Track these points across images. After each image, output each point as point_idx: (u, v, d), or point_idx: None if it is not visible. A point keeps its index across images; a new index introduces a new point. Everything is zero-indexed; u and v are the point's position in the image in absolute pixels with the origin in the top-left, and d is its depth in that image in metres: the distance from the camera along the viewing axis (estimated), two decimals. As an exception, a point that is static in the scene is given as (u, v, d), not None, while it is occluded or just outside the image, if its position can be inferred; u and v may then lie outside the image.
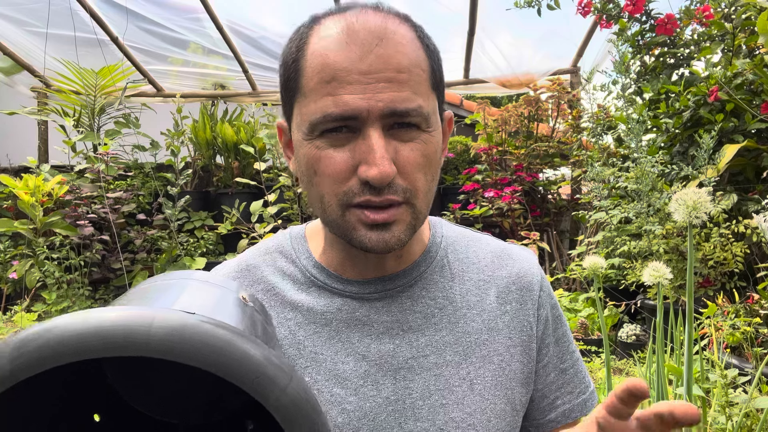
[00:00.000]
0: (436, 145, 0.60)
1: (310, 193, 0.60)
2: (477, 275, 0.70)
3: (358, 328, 0.64)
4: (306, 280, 0.67)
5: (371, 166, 0.53)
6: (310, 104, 0.56)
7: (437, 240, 0.71)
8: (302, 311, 0.65)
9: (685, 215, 0.74)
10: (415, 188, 0.57)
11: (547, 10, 3.08)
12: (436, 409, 0.62)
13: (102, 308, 0.32)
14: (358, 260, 0.66)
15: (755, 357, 1.76)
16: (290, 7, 4.90)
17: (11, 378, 0.30)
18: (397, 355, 0.63)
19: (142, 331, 0.30)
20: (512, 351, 0.67)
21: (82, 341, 0.30)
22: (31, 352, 0.30)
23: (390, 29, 0.55)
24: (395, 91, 0.54)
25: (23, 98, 4.56)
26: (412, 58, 0.56)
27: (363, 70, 0.53)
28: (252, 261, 0.71)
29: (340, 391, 0.62)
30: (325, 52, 0.55)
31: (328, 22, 0.57)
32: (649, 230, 2.40)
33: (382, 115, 0.54)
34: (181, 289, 0.45)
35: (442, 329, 0.65)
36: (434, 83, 0.60)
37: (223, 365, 0.31)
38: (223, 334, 0.31)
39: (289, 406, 0.32)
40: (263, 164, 4.07)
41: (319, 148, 0.56)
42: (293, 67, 0.58)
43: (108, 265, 3.74)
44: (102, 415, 0.50)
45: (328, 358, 0.63)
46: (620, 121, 2.89)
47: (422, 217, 0.60)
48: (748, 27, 2.52)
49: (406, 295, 0.66)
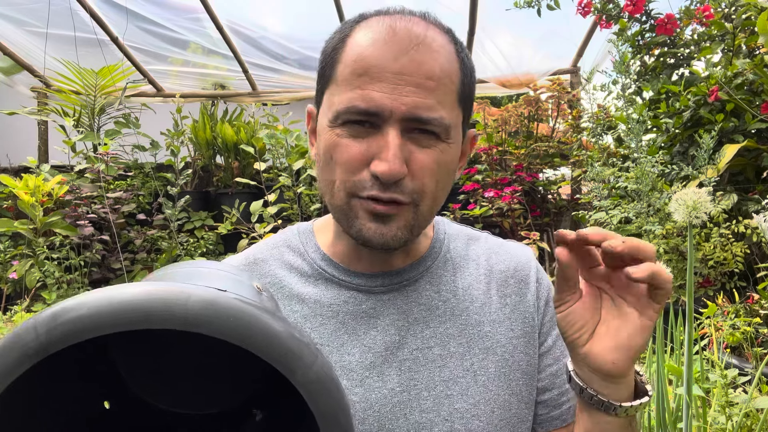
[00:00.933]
0: (453, 156, 0.61)
1: (323, 178, 0.62)
2: (476, 270, 0.71)
3: (364, 320, 0.65)
4: (314, 272, 0.68)
5: (383, 161, 0.55)
6: (339, 94, 0.58)
7: (440, 236, 0.73)
8: (309, 303, 0.66)
9: (685, 215, 0.74)
10: (423, 191, 0.58)
11: (547, 10, 3.08)
12: (440, 400, 0.63)
13: (134, 283, 0.32)
14: (365, 253, 0.67)
15: (755, 357, 1.76)
16: (290, 7, 4.89)
17: (47, 348, 0.29)
18: (402, 346, 0.64)
19: (180, 304, 0.31)
20: (515, 342, 0.68)
21: (121, 313, 0.30)
22: (67, 322, 0.29)
23: (429, 36, 0.57)
24: (421, 97, 0.56)
25: (23, 98, 4.56)
26: (444, 68, 0.57)
27: (395, 70, 0.55)
28: (259, 255, 0.72)
29: (345, 383, 0.62)
30: (362, 46, 0.57)
31: (373, 21, 0.59)
32: (649, 230, 2.40)
33: (403, 118, 0.56)
34: (202, 273, 0.46)
35: (446, 321, 0.66)
36: (462, 97, 0.61)
37: (254, 340, 0.32)
38: (253, 310, 0.32)
39: (314, 382, 0.33)
40: (263, 164, 4.07)
41: (339, 136, 0.58)
42: (331, 56, 0.61)
43: (108, 265, 3.74)
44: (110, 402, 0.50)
45: (334, 350, 0.64)
46: (620, 121, 2.89)
47: (424, 222, 0.61)
48: (749, 27, 2.52)
49: (412, 288, 0.67)
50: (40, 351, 0.29)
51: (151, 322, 0.30)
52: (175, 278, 0.44)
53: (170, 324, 0.30)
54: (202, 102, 4.71)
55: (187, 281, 0.41)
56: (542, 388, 0.70)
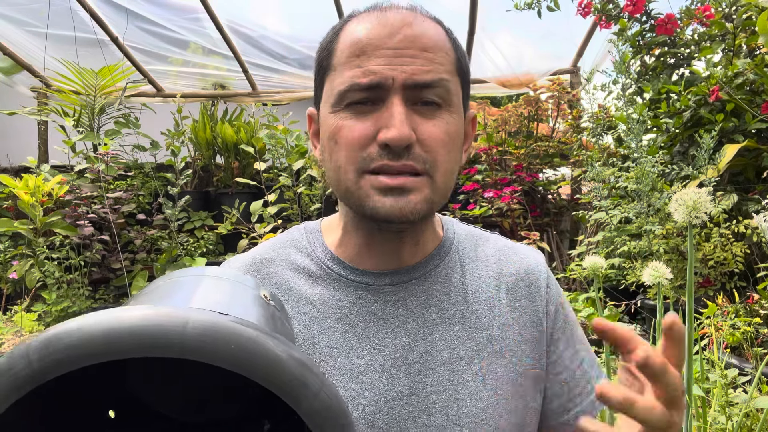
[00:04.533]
0: (458, 127, 0.61)
1: (329, 167, 0.61)
2: (486, 272, 0.70)
3: (373, 322, 0.64)
4: (321, 272, 0.67)
5: (390, 128, 0.55)
6: (339, 77, 0.59)
7: (450, 236, 0.72)
8: (317, 305, 0.65)
9: (685, 215, 0.74)
10: (436, 161, 0.58)
11: (547, 11, 3.08)
12: (449, 404, 0.62)
13: (130, 307, 0.31)
14: (374, 248, 0.66)
15: (755, 357, 1.76)
16: (290, 6, 4.90)
17: (40, 376, 0.29)
18: (412, 349, 0.64)
19: (176, 331, 0.29)
20: (523, 347, 0.67)
21: (115, 340, 0.29)
22: (61, 350, 0.28)
23: (420, 18, 0.59)
24: (420, 63, 0.57)
25: (23, 98, 4.56)
26: (438, 42, 0.59)
27: (391, 46, 0.57)
28: (266, 255, 0.71)
29: (354, 386, 0.62)
30: (357, 32, 0.59)
31: (364, 14, 0.61)
32: (649, 230, 2.40)
33: (405, 86, 0.56)
34: (203, 285, 0.44)
35: (455, 324, 0.66)
36: (459, 70, 0.62)
37: (256, 368, 0.30)
38: (256, 335, 0.31)
39: (321, 411, 0.31)
40: (263, 164, 4.07)
41: (342, 119, 0.58)
42: (327, 50, 0.62)
43: (108, 265, 3.74)
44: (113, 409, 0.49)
45: (343, 352, 0.63)
46: (620, 121, 2.88)
47: (441, 194, 0.60)
48: (749, 27, 2.51)
49: (422, 290, 0.67)
50: (33, 379, 0.29)
51: (146, 351, 0.29)
52: (176, 292, 0.42)
53: (167, 352, 0.29)
54: (202, 102, 4.71)
55: (189, 296, 0.40)
56: (552, 395, 0.70)
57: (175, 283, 0.45)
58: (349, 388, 0.62)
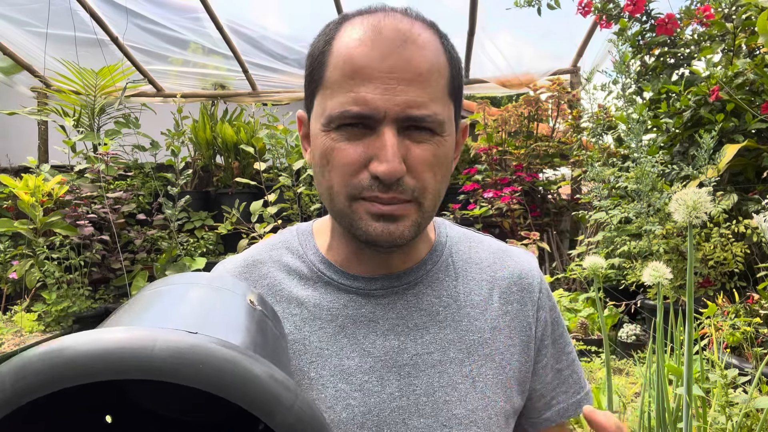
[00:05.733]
0: (448, 149, 0.61)
1: (321, 184, 0.62)
2: (479, 275, 0.71)
3: (363, 324, 0.65)
4: (313, 275, 0.68)
5: (382, 162, 0.55)
6: (331, 98, 0.57)
7: (442, 239, 0.72)
8: (308, 307, 0.66)
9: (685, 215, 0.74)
10: (424, 187, 0.58)
11: (547, 9, 3.08)
12: (439, 406, 0.63)
13: (105, 329, 0.31)
14: (364, 256, 0.67)
15: (755, 357, 1.76)
16: (290, 7, 4.90)
17: (13, 401, 0.29)
18: (402, 352, 0.64)
19: (145, 354, 0.30)
20: (512, 350, 0.68)
21: (86, 364, 0.29)
22: (33, 375, 0.29)
23: (415, 32, 0.57)
24: (413, 94, 0.55)
25: (23, 98, 4.56)
26: (433, 63, 0.57)
27: (384, 69, 0.55)
28: (258, 256, 0.71)
29: (344, 387, 0.62)
30: (350, 48, 0.57)
31: (356, 21, 0.59)
32: (649, 230, 2.40)
33: (398, 118, 0.56)
34: (185, 298, 0.44)
35: (446, 327, 0.66)
36: (452, 90, 0.61)
37: (225, 386, 0.30)
38: (225, 353, 0.31)
39: (295, 424, 0.31)
40: (263, 164, 4.07)
41: (334, 140, 0.57)
42: (319, 60, 0.60)
43: (108, 265, 3.74)
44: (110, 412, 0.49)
45: (333, 353, 0.64)
46: (620, 121, 2.88)
47: (428, 217, 0.61)
48: (749, 27, 2.51)
49: (412, 293, 0.67)
50: (8, 404, 0.29)
51: (116, 374, 0.29)
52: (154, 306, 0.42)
53: (136, 374, 0.29)
54: (202, 102, 4.71)
55: (165, 312, 0.40)
56: (538, 396, 0.72)
57: (156, 295, 0.45)
58: (339, 389, 0.62)
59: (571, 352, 0.75)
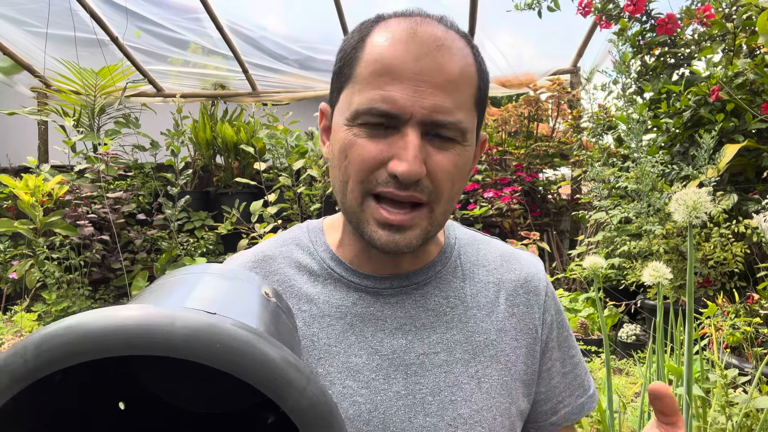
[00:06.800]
0: (468, 159, 0.62)
1: (336, 177, 0.62)
2: (486, 277, 0.71)
3: (371, 322, 0.65)
4: (323, 272, 0.68)
5: (402, 161, 0.55)
6: (359, 93, 0.58)
7: (451, 242, 0.73)
8: (317, 304, 0.66)
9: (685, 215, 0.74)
10: (440, 192, 0.59)
11: (547, 11, 3.08)
12: (445, 405, 0.63)
13: (124, 305, 0.32)
14: (374, 255, 0.67)
15: (755, 357, 1.76)
16: (290, 7, 4.90)
17: (34, 374, 0.30)
18: (409, 351, 0.65)
19: (164, 330, 0.30)
20: (518, 352, 0.68)
21: (105, 339, 0.30)
22: (53, 348, 0.30)
23: (449, 39, 0.58)
24: (440, 99, 0.56)
25: (23, 98, 4.56)
26: (463, 71, 0.58)
27: (416, 71, 0.55)
28: (269, 252, 0.71)
29: (352, 384, 0.63)
30: (383, 46, 0.57)
31: (393, 22, 0.59)
32: (649, 230, 2.40)
33: (424, 122, 0.56)
34: (202, 284, 0.45)
35: (452, 328, 0.67)
36: (478, 101, 0.62)
37: (241, 367, 0.31)
38: (242, 334, 0.31)
39: (306, 408, 0.32)
40: (263, 164, 4.07)
41: (356, 135, 0.58)
42: (351, 55, 0.60)
43: (108, 265, 3.74)
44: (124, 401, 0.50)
45: (341, 351, 0.64)
46: (620, 121, 2.88)
47: (438, 225, 0.62)
48: (749, 27, 2.51)
49: (420, 293, 0.68)
50: (29, 376, 0.30)
51: (133, 349, 0.30)
52: (175, 290, 0.43)
53: (153, 350, 0.30)
54: (202, 102, 4.71)
55: (185, 295, 0.41)
56: (543, 399, 0.72)
57: (176, 281, 0.45)
58: (346, 386, 0.63)
59: (575, 356, 0.75)
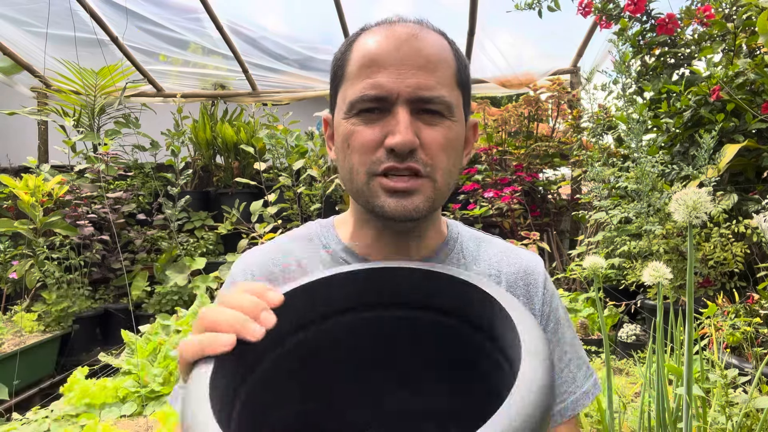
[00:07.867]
0: (458, 134, 0.67)
1: (343, 167, 0.68)
2: (487, 270, 0.75)
3: None
4: (336, 262, 0.74)
5: (396, 135, 0.61)
6: (351, 87, 0.65)
7: (454, 236, 0.78)
8: None
9: (685, 215, 0.74)
10: (436, 164, 0.64)
11: (548, 11, 3.07)
12: None
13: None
14: (383, 243, 0.72)
15: (755, 357, 1.75)
16: (290, 7, 4.90)
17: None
18: None
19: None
20: None
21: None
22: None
23: (424, 31, 0.65)
24: (423, 78, 0.62)
25: (23, 98, 4.56)
26: (440, 54, 0.65)
27: (397, 57, 0.63)
28: (284, 245, 0.77)
29: None
30: (367, 45, 0.65)
31: (374, 28, 0.67)
32: (649, 230, 2.40)
33: (409, 99, 0.62)
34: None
35: None
36: (459, 81, 0.67)
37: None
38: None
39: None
40: (263, 164, 4.07)
41: (354, 124, 0.64)
42: (340, 60, 0.68)
43: (108, 265, 3.74)
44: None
45: None
46: (620, 121, 2.88)
47: (442, 194, 0.67)
48: (749, 27, 2.51)
49: None
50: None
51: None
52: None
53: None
54: (202, 102, 4.71)
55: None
56: None
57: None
58: None
59: (568, 352, 0.76)
